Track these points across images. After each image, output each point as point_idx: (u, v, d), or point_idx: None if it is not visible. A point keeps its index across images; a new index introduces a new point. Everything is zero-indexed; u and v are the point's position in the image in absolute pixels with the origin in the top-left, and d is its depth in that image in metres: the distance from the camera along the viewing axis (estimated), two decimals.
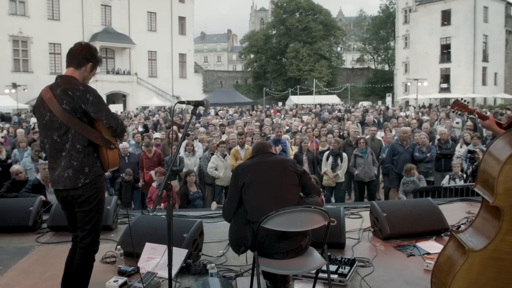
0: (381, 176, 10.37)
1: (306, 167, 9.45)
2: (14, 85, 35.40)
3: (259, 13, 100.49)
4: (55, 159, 3.23)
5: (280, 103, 51.48)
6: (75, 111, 3.12)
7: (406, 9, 54.15)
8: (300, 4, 60.48)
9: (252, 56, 66.96)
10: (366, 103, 45.23)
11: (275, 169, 3.37)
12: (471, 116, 2.98)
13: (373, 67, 70.23)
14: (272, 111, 30.64)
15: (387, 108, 30.93)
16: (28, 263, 4.65)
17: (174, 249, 4.36)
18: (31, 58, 41.07)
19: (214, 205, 5.02)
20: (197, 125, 14.80)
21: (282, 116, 21.90)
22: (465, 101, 2.97)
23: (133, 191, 9.31)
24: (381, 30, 63.77)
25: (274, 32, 65.42)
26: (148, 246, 4.51)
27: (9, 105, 31.01)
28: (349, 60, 79.87)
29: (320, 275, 3.94)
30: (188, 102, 3.06)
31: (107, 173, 9.09)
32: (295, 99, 49.95)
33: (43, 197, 6.63)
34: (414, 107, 36.92)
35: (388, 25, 61.90)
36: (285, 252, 3.19)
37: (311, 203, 3.37)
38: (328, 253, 4.38)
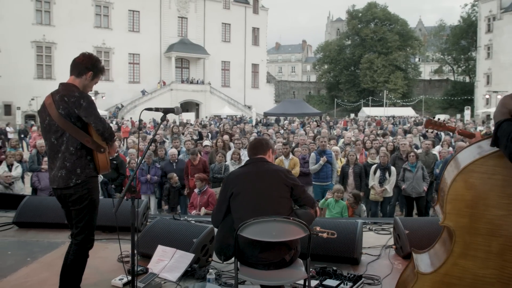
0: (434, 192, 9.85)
1: (351, 180, 9.25)
2: (96, 93, 37.79)
3: (335, 23, 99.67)
4: (52, 160, 3.46)
5: (352, 115, 50.58)
6: (69, 116, 3.33)
7: (489, 17, 51.16)
8: (376, 15, 59.18)
9: (325, 66, 66.48)
10: (443, 116, 43.14)
11: (265, 181, 3.28)
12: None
13: (452, 78, 66.99)
14: (341, 122, 30.22)
15: (462, 121, 29.34)
16: (53, 257, 4.94)
17: (181, 252, 4.48)
18: (112, 68, 43.66)
19: (203, 210, 5.06)
20: (254, 133, 14.96)
21: (346, 127, 21.52)
22: (438, 119, 2.79)
23: (180, 197, 9.59)
24: (462, 40, 60.67)
25: (348, 42, 64.55)
26: (160, 248, 4.63)
27: None
28: (427, 71, 76.79)
29: None
30: (157, 109, 3.14)
31: (155, 177, 9.48)
32: (367, 111, 48.88)
33: None
34: None
35: (470, 34, 58.76)
36: (267, 264, 3.15)
37: (302, 215, 3.29)
38: (335, 268, 4.29)
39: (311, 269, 4.22)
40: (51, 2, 39.80)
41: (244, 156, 10.42)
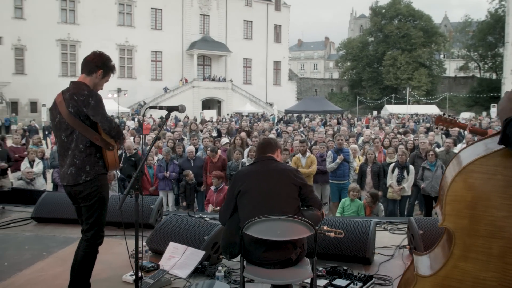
0: None
1: (369, 179, 9.15)
2: (119, 90, 38.34)
3: (358, 20, 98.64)
4: (63, 157, 3.52)
5: (375, 112, 50.02)
6: (79, 114, 3.39)
7: None
8: (400, 11, 58.32)
9: (348, 64, 65.90)
10: (468, 114, 42.29)
11: (273, 180, 3.26)
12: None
13: (478, 75, 65.59)
14: (363, 120, 29.93)
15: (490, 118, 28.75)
16: (68, 252, 5.03)
17: (191, 250, 4.51)
18: (135, 65, 44.17)
19: (210, 207, 5.08)
20: (273, 131, 14.94)
21: (367, 125, 21.30)
22: (449, 115, 2.70)
23: (196, 193, 9.65)
24: (489, 36, 59.31)
25: (371, 39, 63.80)
26: (171, 245, 4.67)
27: (113, 108, 33.63)
28: (452, 68, 75.37)
29: None
30: (161, 107, 3.16)
31: (173, 174, 9.55)
32: (390, 108, 48.28)
33: None
34: None
35: (497, 30, 57.38)
36: (272, 263, 3.14)
37: (309, 216, 3.27)
38: (345, 268, 4.26)
39: (321, 268, 4.22)
40: (75, 1, 40.46)
41: None
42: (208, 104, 47.33)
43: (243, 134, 11.63)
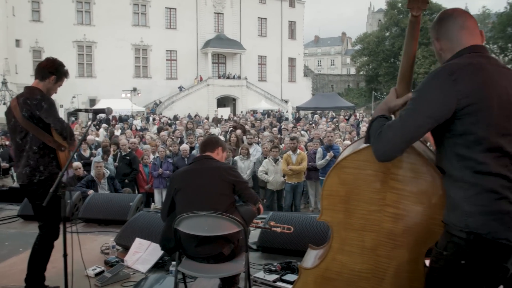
0: None
1: None
2: (134, 90, 38.91)
3: (376, 14, 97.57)
4: (18, 159, 3.73)
5: None
6: (32, 117, 3.59)
7: None
8: None
9: (364, 59, 65.34)
10: None
11: (206, 178, 3.39)
12: None
13: None
14: None
15: None
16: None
17: (154, 245, 4.68)
18: (150, 65, 44.68)
19: (152, 205, 5.24)
20: (274, 129, 15.03)
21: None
22: None
23: None
24: (509, 27, 58.03)
25: (387, 34, 63.10)
26: (137, 241, 4.85)
27: (127, 108, 34.19)
28: None
29: (280, 284, 3.99)
30: (86, 110, 3.32)
31: (167, 172, 9.74)
32: None
33: (91, 191, 7.40)
34: None
35: None
36: (205, 258, 3.29)
37: (244, 211, 3.41)
38: (290, 260, 4.36)
39: (276, 264, 4.35)
40: (91, 3, 41.14)
41: (257, 151, 10.56)
42: (223, 102, 47.58)
43: (238, 131, 11.77)
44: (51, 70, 3.74)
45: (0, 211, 7.25)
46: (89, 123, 3.75)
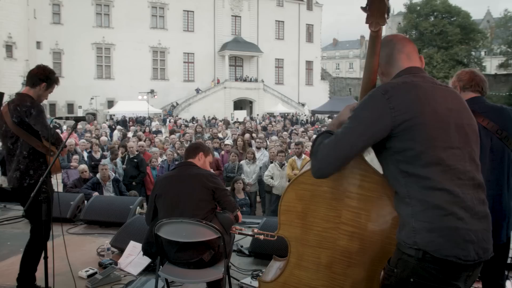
0: None
1: None
2: (152, 91, 39.37)
3: (396, 17, 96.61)
4: (9, 163, 3.87)
5: None
6: (22, 123, 3.73)
7: None
8: (436, 7, 56.78)
9: None
10: None
11: (185, 184, 3.46)
12: None
13: None
14: None
15: None
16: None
17: None
18: (168, 67, 45.14)
19: (138, 210, 5.33)
20: (285, 133, 15.05)
21: None
22: None
23: None
24: None
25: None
26: (131, 244, 4.95)
27: (143, 109, 34.62)
28: (494, 65, 72.78)
29: None
30: (67, 118, 3.43)
31: None
32: None
33: (96, 193, 7.56)
34: None
35: None
36: (186, 263, 3.36)
37: (222, 218, 3.49)
38: None
39: (264, 270, 4.40)
40: (110, 6, 41.79)
41: (264, 156, 10.62)
42: (240, 104, 47.78)
43: (246, 135, 11.84)
44: (41, 78, 3.86)
45: (7, 211, 7.44)
46: (70, 130, 3.88)
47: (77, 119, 3.51)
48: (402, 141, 1.83)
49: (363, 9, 2.02)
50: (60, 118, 3.80)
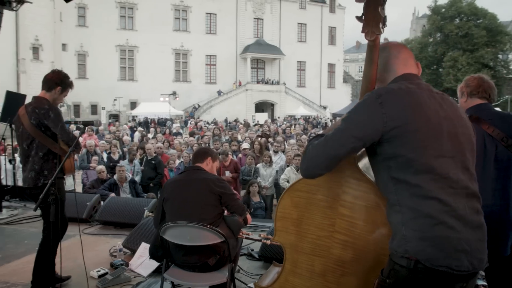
0: None
1: None
2: (174, 93, 39.80)
3: (420, 20, 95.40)
4: (24, 164, 3.98)
5: None
6: (40, 126, 3.84)
7: None
8: (461, 9, 55.75)
9: None
10: None
11: (193, 188, 3.49)
12: None
13: None
14: None
15: None
16: (58, 248, 5.52)
17: None
18: (190, 69, 45.53)
19: (146, 213, 5.37)
20: (304, 136, 15.01)
21: None
22: None
23: None
24: None
25: (430, 40, 61.56)
26: (142, 245, 5.02)
27: (165, 111, 35.01)
28: None
29: None
30: (75, 122, 3.50)
31: None
32: None
33: (112, 194, 7.69)
34: None
35: None
36: (192, 266, 3.40)
37: (231, 222, 3.52)
38: None
39: None
40: (134, 9, 42.41)
41: (281, 159, 10.62)
42: (261, 107, 47.85)
43: (262, 139, 11.86)
44: (57, 82, 3.98)
45: (27, 210, 7.62)
46: (79, 134, 3.97)
47: (86, 124, 3.60)
48: (393, 147, 1.81)
49: (358, 18, 2.02)
50: (69, 122, 3.88)
